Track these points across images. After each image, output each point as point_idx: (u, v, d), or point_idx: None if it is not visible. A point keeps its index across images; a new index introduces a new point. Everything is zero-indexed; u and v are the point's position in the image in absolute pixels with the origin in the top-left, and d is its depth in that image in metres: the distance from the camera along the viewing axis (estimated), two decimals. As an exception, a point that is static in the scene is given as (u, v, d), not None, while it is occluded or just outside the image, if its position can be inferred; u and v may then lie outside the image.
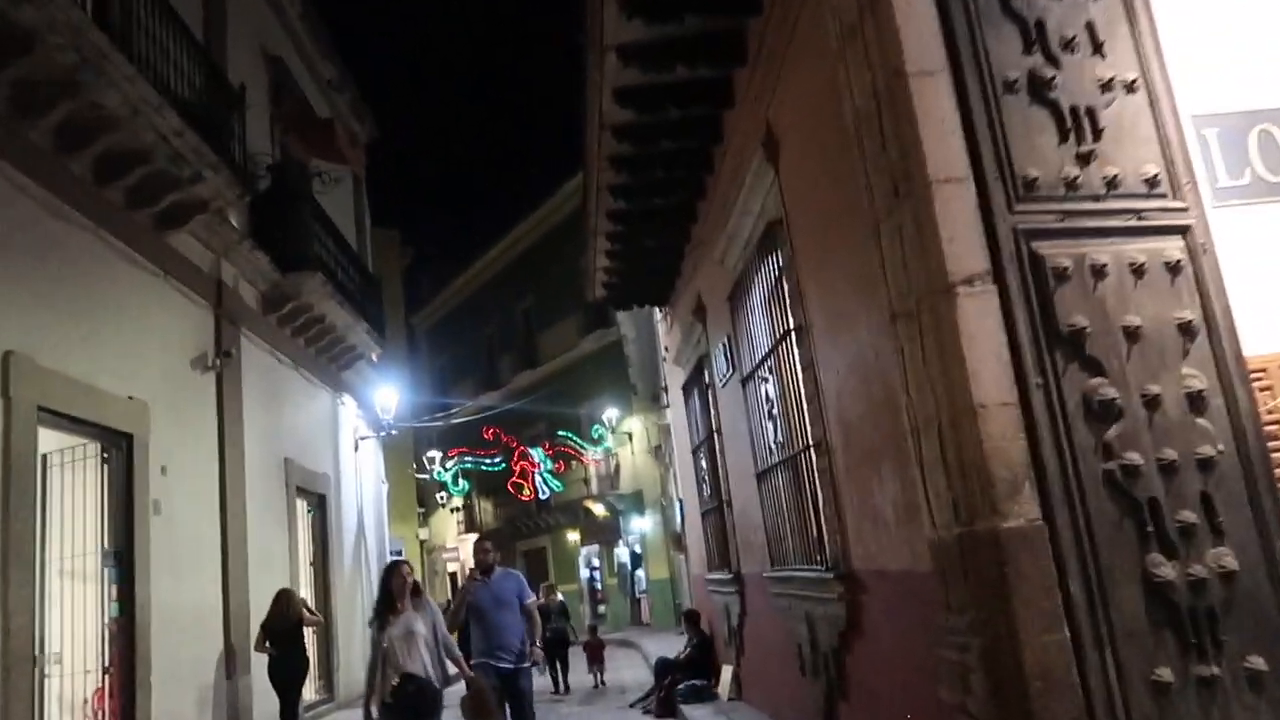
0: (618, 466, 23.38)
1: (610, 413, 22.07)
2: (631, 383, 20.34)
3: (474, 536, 29.67)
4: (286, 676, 8.30)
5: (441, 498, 26.91)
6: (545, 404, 24.10)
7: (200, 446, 8.67)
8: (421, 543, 25.30)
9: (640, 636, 19.34)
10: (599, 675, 13.71)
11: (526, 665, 6.35)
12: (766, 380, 5.87)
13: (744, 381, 6.45)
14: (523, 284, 27.59)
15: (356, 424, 14.37)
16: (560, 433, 23.55)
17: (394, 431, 15.44)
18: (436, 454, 24.13)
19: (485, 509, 29.16)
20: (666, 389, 12.60)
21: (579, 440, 23.31)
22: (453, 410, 22.72)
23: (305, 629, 8.82)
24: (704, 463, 9.01)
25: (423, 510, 26.28)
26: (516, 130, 64.31)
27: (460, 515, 30.25)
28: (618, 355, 21.54)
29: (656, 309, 11.84)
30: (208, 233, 8.87)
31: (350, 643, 12.34)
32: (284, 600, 8.52)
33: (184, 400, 8.41)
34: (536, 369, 26.43)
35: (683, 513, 13.05)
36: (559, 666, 13.55)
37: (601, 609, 25.67)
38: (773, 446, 5.98)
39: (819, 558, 5.16)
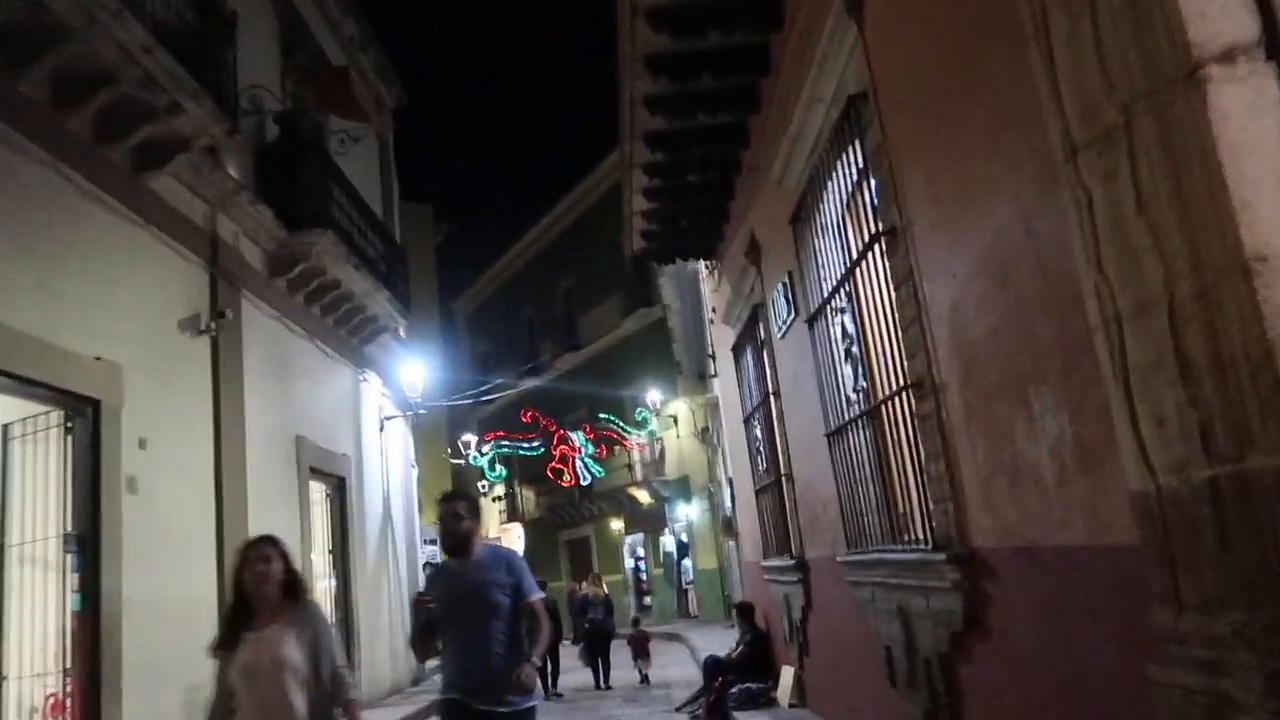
0: (663, 451, 22.28)
1: (654, 395, 20.94)
2: (676, 360, 19.22)
3: (516, 526, 28.80)
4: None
5: (483, 486, 25.98)
6: (586, 385, 23.04)
7: (190, 418, 7.66)
8: (461, 532, 24.33)
9: (687, 630, 18.22)
10: (643, 670, 12.72)
11: (529, 705, 3.89)
12: (843, 311, 4.66)
13: (811, 321, 5.23)
14: (562, 265, 26.66)
15: (381, 403, 13.39)
16: (602, 415, 22.48)
17: (422, 411, 14.43)
18: (472, 438, 23.14)
19: (527, 497, 28.25)
20: (714, 355, 11.42)
21: (622, 424, 22.21)
22: (484, 389, 21.64)
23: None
24: (758, 432, 7.82)
25: (462, 498, 25.32)
26: (552, 110, 63.49)
27: (502, 504, 29.36)
28: (661, 335, 20.45)
29: (702, 265, 10.68)
30: (196, 178, 7.85)
31: (374, 639, 11.44)
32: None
33: (170, 366, 7.42)
34: (578, 351, 25.42)
35: (733, 494, 11.88)
36: (600, 662, 12.68)
37: (647, 600, 24.62)
38: (850, 396, 4.77)
39: (920, 535, 3.97)
